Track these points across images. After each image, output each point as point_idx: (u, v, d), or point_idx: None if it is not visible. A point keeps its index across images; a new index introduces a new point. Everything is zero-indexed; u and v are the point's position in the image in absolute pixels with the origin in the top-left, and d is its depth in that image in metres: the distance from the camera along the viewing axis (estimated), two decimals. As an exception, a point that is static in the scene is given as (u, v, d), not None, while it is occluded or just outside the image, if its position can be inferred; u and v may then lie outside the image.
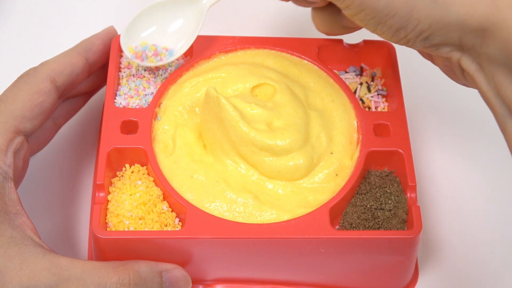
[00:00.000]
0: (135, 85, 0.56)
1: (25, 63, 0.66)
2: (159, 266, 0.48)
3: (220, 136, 0.52)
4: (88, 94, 0.61)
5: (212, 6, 0.57)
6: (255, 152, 0.51)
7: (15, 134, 0.49)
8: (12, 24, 0.69)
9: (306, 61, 0.58)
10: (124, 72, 0.57)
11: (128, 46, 0.55)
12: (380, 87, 0.58)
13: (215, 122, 0.52)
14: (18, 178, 0.50)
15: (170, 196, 0.50)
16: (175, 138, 0.53)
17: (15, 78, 0.53)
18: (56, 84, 0.53)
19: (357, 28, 0.54)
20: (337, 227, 0.51)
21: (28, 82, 0.52)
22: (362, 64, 0.59)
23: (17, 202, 0.48)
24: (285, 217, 0.50)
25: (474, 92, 0.66)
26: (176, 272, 0.49)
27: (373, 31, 0.48)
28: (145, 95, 0.56)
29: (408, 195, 0.51)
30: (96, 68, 0.57)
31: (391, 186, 0.52)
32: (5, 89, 0.52)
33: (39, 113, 0.51)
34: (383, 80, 0.58)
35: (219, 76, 0.56)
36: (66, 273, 0.45)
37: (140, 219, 0.50)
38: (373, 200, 0.51)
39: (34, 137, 0.54)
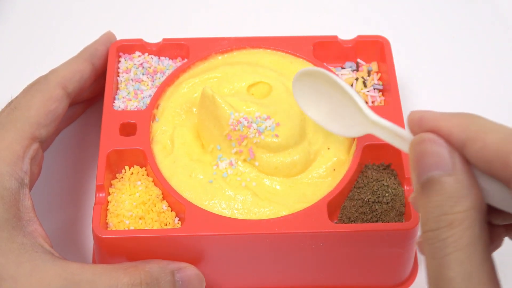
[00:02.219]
0: (134, 89, 0.57)
1: (25, 63, 0.67)
2: (171, 265, 0.49)
3: (217, 134, 0.52)
4: (89, 101, 0.62)
5: (209, 6, 0.55)
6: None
7: (31, 140, 0.50)
8: (12, 24, 0.70)
9: (301, 59, 0.58)
10: (123, 76, 0.58)
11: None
12: (376, 82, 0.58)
13: (211, 120, 0.52)
14: (32, 184, 0.51)
15: (169, 195, 0.51)
16: (173, 139, 0.54)
17: (15, 78, 0.53)
18: (67, 90, 0.54)
19: None
20: (336, 221, 0.52)
21: (40, 90, 0.52)
22: (358, 60, 0.60)
23: (31, 209, 0.49)
24: (284, 212, 0.51)
25: (470, 87, 0.67)
26: (188, 270, 0.49)
27: None
28: (143, 97, 0.56)
29: (405, 187, 0.52)
30: (100, 74, 0.58)
31: (388, 179, 0.52)
32: (4, 89, 0.53)
33: (53, 120, 0.52)
34: (379, 75, 0.59)
35: (215, 76, 0.57)
36: (76, 277, 0.45)
37: (140, 218, 0.50)
38: (370, 194, 0.51)
39: None
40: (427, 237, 0.34)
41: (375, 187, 0.51)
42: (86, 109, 0.62)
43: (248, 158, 0.52)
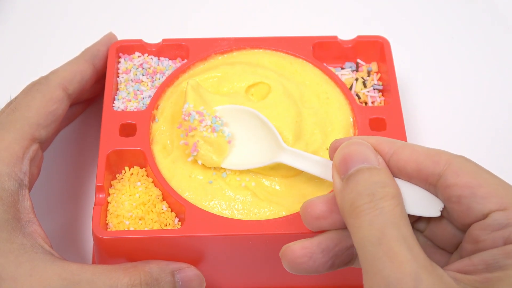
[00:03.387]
0: (133, 89, 0.57)
1: (25, 63, 0.67)
2: (170, 265, 0.49)
3: None
4: (89, 101, 0.62)
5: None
6: None
7: (31, 141, 0.50)
8: (12, 24, 0.70)
9: (301, 59, 0.58)
10: (122, 77, 0.58)
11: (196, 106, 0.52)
12: (376, 82, 0.58)
13: None
14: (31, 185, 0.51)
15: (169, 196, 0.51)
16: (173, 139, 0.54)
17: (15, 78, 0.53)
18: (68, 91, 0.54)
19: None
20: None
21: (41, 90, 0.52)
22: (358, 60, 0.60)
23: (30, 210, 0.49)
24: (283, 212, 0.51)
25: (470, 87, 0.67)
26: (188, 271, 0.49)
27: None
28: (143, 98, 0.56)
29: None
30: (101, 75, 0.58)
31: (388, 179, 0.52)
32: (4, 89, 0.53)
33: (53, 121, 0.52)
34: (378, 75, 0.59)
35: (215, 76, 0.57)
36: (76, 277, 0.45)
37: (140, 219, 0.50)
38: (370, 194, 0.51)
39: None
40: (362, 209, 0.38)
41: (375, 187, 0.51)
42: (86, 109, 0.62)
43: (191, 153, 0.51)
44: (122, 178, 0.53)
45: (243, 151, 0.52)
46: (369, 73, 0.59)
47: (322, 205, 0.43)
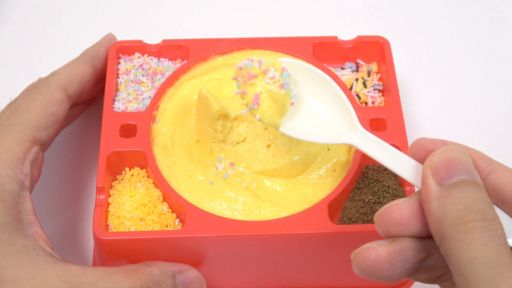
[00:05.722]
0: (134, 90, 0.57)
1: (25, 64, 0.67)
2: (171, 268, 0.49)
3: (212, 134, 0.52)
4: (89, 101, 0.62)
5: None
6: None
7: (31, 143, 0.50)
8: (12, 25, 0.70)
9: (301, 60, 0.58)
10: (123, 78, 0.58)
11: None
12: (376, 82, 0.58)
13: (207, 121, 0.52)
14: (32, 187, 0.51)
15: (170, 197, 0.51)
16: (173, 140, 0.54)
17: (15, 79, 0.53)
18: (68, 93, 0.54)
19: None
20: (336, 222, 0.52)
21: (41, 92, 0.53)
22: (358, 60, 0.60)
23: (31, 212, 0.49)
24: (284, 213, 0.51)
25: (470, 87, 0.67)
26: (189, 273, 0.50)
27: None
28: (143, 99, 0.56)
29: (406, 188, 0.52)
30: (101, 76, 0.58)
31: (388, 180, 0.52)
32: (4, 89, 0.52)
33: (53, 122, 0.52)
34: (379, 75, 0.59)
35: (215, 78, 0.57)
36: (77, 279, 0.45)
37: (140, 220, 0.50)
38: (371, 194, 0.51)
39: None
40: (475, 226, 0.35)
41: (376, 187, 0.51)
42: (84, 110, 0.62)
43: (249, 104, 0.45)
44: (122, 179, 0.53)
45: (307, 119, 0.46)
46: (369, 73, 0.59)
47: (409, 210, 0.38)
